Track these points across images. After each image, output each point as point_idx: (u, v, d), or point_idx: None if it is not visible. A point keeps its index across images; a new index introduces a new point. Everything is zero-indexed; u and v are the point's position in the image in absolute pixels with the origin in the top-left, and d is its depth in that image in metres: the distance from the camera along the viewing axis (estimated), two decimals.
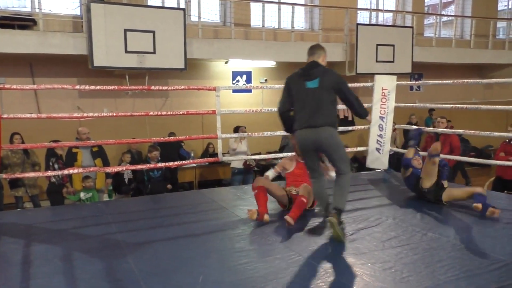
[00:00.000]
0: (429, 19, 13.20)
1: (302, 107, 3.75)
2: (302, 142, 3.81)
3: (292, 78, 3.88)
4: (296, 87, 3.80)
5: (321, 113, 3.69)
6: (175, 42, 8.26)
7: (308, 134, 3.72)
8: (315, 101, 3.70)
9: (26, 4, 8.17)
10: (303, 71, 3.83)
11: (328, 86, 3.72)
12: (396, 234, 3.71)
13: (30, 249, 3.54)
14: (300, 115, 3.76)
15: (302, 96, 3.75)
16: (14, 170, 6.38)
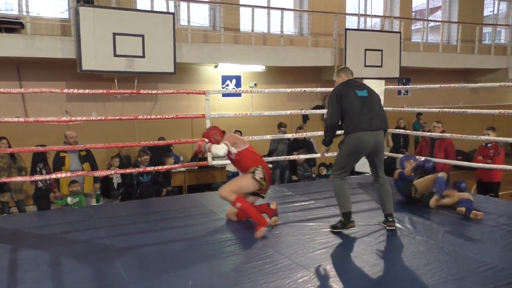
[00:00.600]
0: (417, 25, 13.35)
1: (361, 111, 3.84)
2: (362, 144, 3.85)
3: (342, 89, 3.96)
4: (349, 96, 3.88)
5: (379, 117, 3.90)
6: (165, 46, 8.25)
7: (371, 136, 3.83)
8: (371, 106, 3.89)
9: (14, 7, 8.09)
10: (352, 82, 4.05)
11: (375, 97, 4.05)
12: (385, 238, 3.74)
13: (18, 254, 3.50)
14: (361, 118, 3.83)
15: (358, 102, 3.87)
16: (1, 175, 6.30)
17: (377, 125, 3.86)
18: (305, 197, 5.34)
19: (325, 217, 4.42)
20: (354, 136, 3.84)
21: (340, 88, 3.98)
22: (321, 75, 10.99)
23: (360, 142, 3.84)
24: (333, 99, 3.94)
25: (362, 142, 3.83)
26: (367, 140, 3.82)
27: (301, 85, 9.58)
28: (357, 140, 3.84)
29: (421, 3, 13.64)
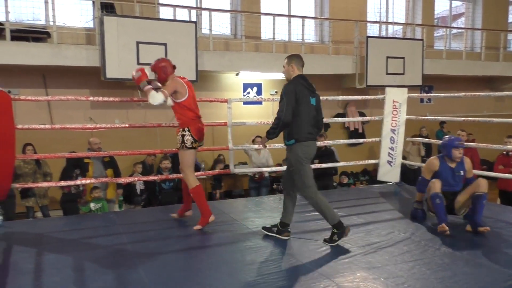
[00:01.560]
0: (439, 32, 13.18)
1: (311, 121, 3.85)
2: (311, 151, 3.89)
3: (300, 91, 3.81)
4: (304, 100, 3.80)
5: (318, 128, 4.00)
6: (187, 54, 8.34)
7: (315, 145, 3.93)
8: (317, 117, 3.94)
9: (41, 17, 8.31)
10: (308, 85, 3.88)
11: (319, 104, 4.00)
12: (409, 249, 3.67)
13: (42, 258, 3.56)
14: (309, 128, 3.84)
15: (312, 110, 3.85)
16: (26, 180, 6.43)
17: (316, 135, 3.95)
18: None
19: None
20: (305, 143, 3.82)
21: (298, 88, 3.80)
22: (342, 83, 10.94)
23: (310, 150, 3.87)
24: (290, 97, 3.75)
25: (312, 150, 3.89)
26: (314, 148, 3.90)
27: (322, 93, 9.39)
28: (308, 148, 3.85)
29: (444, 10, 13.48)
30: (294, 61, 3.91)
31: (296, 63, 3.91)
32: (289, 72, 3.93)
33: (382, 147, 6.42)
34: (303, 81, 3.85)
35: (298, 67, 3.90)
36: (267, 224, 4.22)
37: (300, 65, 3.93)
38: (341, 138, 10.46)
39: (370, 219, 4.61)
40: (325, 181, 7.39)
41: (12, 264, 3.44)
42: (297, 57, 3.97)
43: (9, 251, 3.74)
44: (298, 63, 3.92)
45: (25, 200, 6.69)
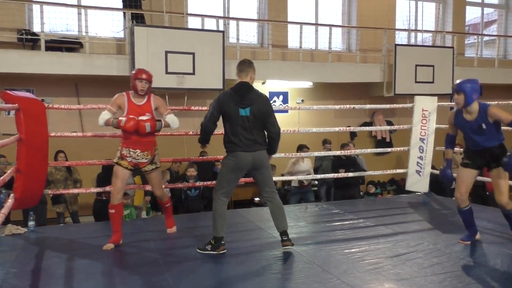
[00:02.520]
0: (470, 39, 12.91)
1: (240, 133, 3.75)
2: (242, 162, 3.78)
3: (225, 100, 3.76)
4: (230, 112, 3.74)
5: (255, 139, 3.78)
6: (214, 63, 8.42)
7: (248, 156, 3.77)
8: (250, 131, 3.76)
9: (74, 28, 8.56)
10: (236, 94, 3.76)
11: (259, 116, 3.76)
12: (439, 261, 3.58)
13: (72, 263, 3.63)
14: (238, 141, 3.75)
15: (240, 121, 3.73)
16: (57, 186, 6.60)
17: (253, 146, 3.76)
18: (354, 215, 5.23)
19: (375, 236, 4.31)
20: (234, 155, 3.77)
21: (223, 99, 3.77)
22: (370, 91, 10.83)
23: (239, 161, 3.76)
24: (214, 106, 3.79)
25: (240, 161, 3.76)
26: (244, 159, 3.75)
27: (349, 102, 9.48)
28: (236, 159, 3.77)
29: (475, 17, 13.21)
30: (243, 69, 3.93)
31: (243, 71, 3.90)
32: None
33: (410, 157, 6.31)
34: (233, 92, 3.81)
35: (238, 75, 3.91)
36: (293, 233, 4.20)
37: (238, 72, 3.91)
38: (368, 147, 10.34)
39: (398, 230, 4.53)
40: (351, 190, 7.30)
41: (44, 269, 3.52)
42: (246, 64, 3.95)
43: (41, 256, 3.84)
44: (237, 71, 3.92)
45: (56, 206, 6.87)
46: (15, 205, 4.28)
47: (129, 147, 4.08)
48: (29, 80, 8.17)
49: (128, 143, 4.08)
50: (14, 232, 4.44)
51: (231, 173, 3.82)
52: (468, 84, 3.90)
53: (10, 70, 7.47)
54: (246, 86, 3.80)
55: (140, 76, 4.12)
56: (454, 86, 3.96)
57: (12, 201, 4.26)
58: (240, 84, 3.82)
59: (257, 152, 3.78)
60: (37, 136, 4.37)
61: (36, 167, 4.38)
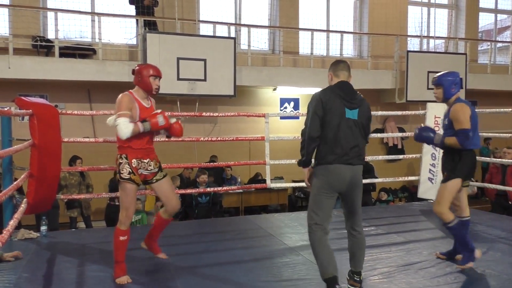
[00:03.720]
0: (483, 45, 12.80)
1: (342, 139, 3.03)
2: (337, 178, 3.04)
3: (328, 99, 3.04)
4: (335, 113, 3.02)
5: (359, 150, 3.10)
6: (225, 69, 8.46)
7: (346, 171, 3.04)
8: (355, 135, 3.08)
9: (87, 35, 8.66)
10: (344, 93, 3.08)
11: (364, 122, 3.15)
12: (452, 270, 3.53)
13: (84, 268, 3.65)
14: (339, 149, 3.02)
15: (344, 126, 3.03)
16: (71, 191, 6.66)
17: (355, 160, 3.06)
18: (365, 223, 5.16)
19: (386, 244, 4.27)
20: (326, 168, 3.04)
21: (327, 97, 3.04)
22: (381, 98, 10.78)
23: (335, 176, 3.03)
24: (316, 107, 3.03)
25: (336, 175, 3.03)
26: (342, 175, 3.03)
27: None
28: (331, 173, 3.03)
29: (488, 23, 13.10)
30: (331, 69, 3.23)
31: (333, 70, 3.20)
32: (329, 83, 3.24)
33: (422, 164, 6.26)
34: (336, 89, 3.10)
35: (335, 74, 3.18)
36: (305, 239, 4.17)
37: (338, 71, 3.18)
38: (379, 153, 10.27)
39: (410, 238, 4.48)
40: (363, 197, 7.24)
41: (55, 274, 3.55)
42: (334, 64, 3.25)
43: (53, 260, 3.86)
44: (335, 70, 3.19)
45: (70, 210, 6.91)
46: (27, 210, 4.32)
47: (140, 157, 3.46)
48: (43, 86, 8.28)
49: (137, 153, 3.45)
50: (26, 237, 4.49)
51: (324, 193, 3.04)
52: (448, 77, 3.63)
53: (25, 77, 7.58)
54: (350, 85, 3.15)
55: (155, 73, 3.49)
56: (433, 79, 3.74)
57: (25, 206, 4.30)
58: (343, 82, 3.14)
59: (357, 167, 3.07)
60: (50, 141, 4.41)
61: (49, 172, 4.41)
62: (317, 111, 3.02)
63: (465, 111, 3.51)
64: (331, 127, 3.01)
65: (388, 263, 3.71)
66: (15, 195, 4.88)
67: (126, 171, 3.37)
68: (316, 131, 3.01)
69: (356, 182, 3.10)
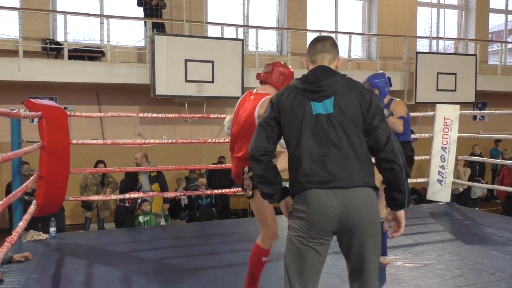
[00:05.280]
0: (494, 46, 12.69)
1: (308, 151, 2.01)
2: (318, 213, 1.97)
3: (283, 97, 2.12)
4: (291, 113, 2.08)
5: (347, 160, 1.98)
6: (233, 71, 8.47)
7: (331, 199, 1.95)
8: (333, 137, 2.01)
9: (96, 37, 8.73)
10: (307, 83, 2.10)
11: (349, 113, 2.03)
12: (461, 273, 3.50)
13: (92, 270, 3.67)
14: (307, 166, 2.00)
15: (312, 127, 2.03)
16: (89, 193, 6.75)
17: (346, 176, 1.96)
18: None
19: (395, 246, 4.23)
20: (299, 198, 2.03)
21: (279, 95, 2.15)
22: None
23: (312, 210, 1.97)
24: (263, 115, 2.18)
25: (316, 210, 1.97)
26: (324, 205, 1.95)
27: None
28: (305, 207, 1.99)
29: (499, 24, 12.98)
30: (307, 53, 2.25)
31: (308, 53, 2.23)
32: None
33: (432, 166, 6.20)
34: (298, 81, 2.14)
35: (309, 60, 2.22)
36: None
37: (314, 54, 2.19)
38: None
39: (419, 240, 4.44)
40: None
41: (64, 275, 3.57)
42: (310, 44, 2.25)
43: (62, 262, 3.89)
44: (308, 53, 2.23)
45: (89, 212, 6.99)
46: (37, 212, 4.35)
47: None
48: (52, 88, 8.35)
49: None
50: (36, 238, 4.52)
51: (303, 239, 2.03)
52: (381, 78, 3.83)
53: (35, 79, 7.65)
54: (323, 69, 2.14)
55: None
56: (366, 83, 3.76)
57: (34, 207, 4.33)
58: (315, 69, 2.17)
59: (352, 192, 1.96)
60: (59, 143, 4.44)
61: (58, 174, 4.44)
62: (264, 120, 2.12)
63: (405, 106, 3.86)
64: (292, 139, 2.05)
65: (396, 265, 3.68)
66: (25, 197, 4.92)
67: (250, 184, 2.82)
68: (259, 148, 2.07)
69: (352, 218, 1.94)
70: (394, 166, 1.99)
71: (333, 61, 2.18)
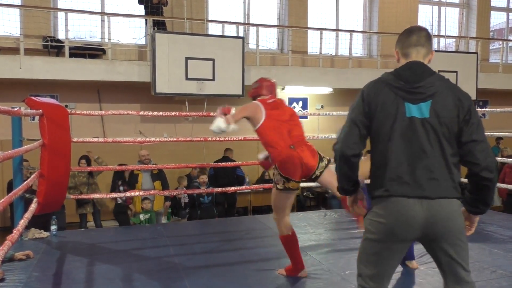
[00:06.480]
0: (495, 44, 12.67)
1: (397, 154, 1.97)
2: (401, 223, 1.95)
3: (377, 93, 2.04)
4: (384, 114, 2.00)
5: (437, 169, 1.94)
6: (234, 69, 8.46)
7: (416, 210, 1.93)
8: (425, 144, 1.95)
9: (97, 35, 8.72)
10: (403, 81, 2.02)
11: (445, 119, 1.95)
12: None
13: (93, 268, 3.68)
14: (394, 170, 1.97)
15: (404, 130, 1.97)
16: (81, 189, 6.71)
17: (435, 187, 1.93)
18: None
19: None
20: (381, 203, 1.99)
21: (372, 90, 2.06)
22: None
23: (393, 218, 1.96)
24: (355, 109, 2.09)
25: (403, 219, 1.94)
26: (408, 214, 1.93)
27: None
28: (391, 214, 1.96)
29: (500, 22, 12.96)
30: (398, 45, 2.17)
31: (398, 45, 2.16)
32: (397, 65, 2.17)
33: None
34: (392, 77, 2.06)
35: (402, 53, 2.14)
36: (313, 239, 4.15)
37: (407, 48, 2.11)
38: None
39: None
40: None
41: (65, 273, 3.57)
42: (402, 35, 2.17)
43: (63, 260, 3.89)
44: (403, 45, 2.13)
45: (82, 208, 6.93)
46: (38, 210, 4.35)
47: None
48: (53, 86, 8.35)
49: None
50: (37, 236, 4.53)
51: (381, 243, 2.01)
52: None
53: (35, 77, 7.64)
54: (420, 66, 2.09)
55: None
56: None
57: (36, 205, 4.33)
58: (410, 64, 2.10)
59: (438, 202, 1.94)
60: (60, 141, 4.44)
61: (58, 172, 4.44)
62: (355, 116, 2.04)
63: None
64: (381, 138, 1.99)
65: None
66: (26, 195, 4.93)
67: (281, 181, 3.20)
68: (351, 146, 2.00)
69: (437, 228, 1.93)
70: (489, 184, 1.95)
71: (427, 56, 2.10)
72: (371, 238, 2.02)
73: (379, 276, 2.03)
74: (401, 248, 2.03)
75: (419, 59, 2.07)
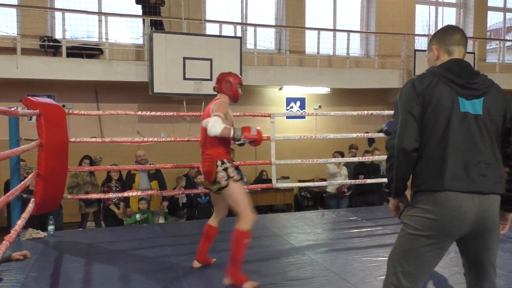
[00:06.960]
0: (492, 44, 12.71)
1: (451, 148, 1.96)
2: (452, 218, 1.94)
3: (430, 86, 2.00)
4: (438, 108, 1.98)
5: (488, 165, 1.97)
6: (231, 69, 8.26)
7: (469, 204, 1.93)
8: (483, 140, 1.98)
9: (94, 35, 8.70)
10: (455, 75, 2.03)
11: (495, 116, 2.01)
12: (459, 270, 3.46)
13: (91, 268, 3.67)
14: (448, 164, 1.95)
15: (458, 125, 1.97)
16: (85, 187, 6.70)
17: (486, 182, 1.95)
18: (372, 222, 5.17)
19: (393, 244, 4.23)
20: (432, 198, 1.97)
21: (425, 83, 2.01)
22: (388, 97, 10.72)
23: (445, 213, 1.94)
24: (408, 102, 2.01)
25: (448, 211, 1.94)
26: (461, 209, 1.93)
27: (367, 108, 9.39)
28: (438, 208, 1.95)
29: (497, 22, 13.00)
30: (435, 42, 2.20)
31: (439, 42, 2.17)
32: (431, 61, 2.23)
33: None
34: (443, 70, 2.04)
35: (445, 49, 2.14)
36: (310, 239, 4.16)
37: (451, 45, 2.13)
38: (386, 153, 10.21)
39: None
40: (371, 197, 7.23)
41: (63, 273, 3.57)
42: (443, 32, 2.21)
43: (60, 260, 3.89)
44: (447, 42, 2.14)
45: (89, 207, 6.91)
46: (35, 210, 4.34)
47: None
48: (50, 86, 8.33)
49: (228, 157, 3.48)
50: (34, 236, 4.52)
51: (425, 240, 1.99)
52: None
53: (33, 76, 7.62)
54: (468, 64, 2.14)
55: (241, 81, 3.62)
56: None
57: (33, 205, 4.32)
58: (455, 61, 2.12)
59: (489, 198, 1.97)
60: (57, 141, 4.44)
61: (56, 172, 4.44)
62: (410, 108, 1.98)
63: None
64: (434, 131, 1.96)
65: None
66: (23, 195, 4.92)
67: (235, 172, 3.37)
68: (412, 140, 1.97)
69: (488, 223, 1.97)
70: None
71: (464, 56, 2.16)
72: (415, 234, 2.00)
73: (416, 275, 2.03)
74: (448, 245, 2.02)
75: (461, 57, 2.13)
